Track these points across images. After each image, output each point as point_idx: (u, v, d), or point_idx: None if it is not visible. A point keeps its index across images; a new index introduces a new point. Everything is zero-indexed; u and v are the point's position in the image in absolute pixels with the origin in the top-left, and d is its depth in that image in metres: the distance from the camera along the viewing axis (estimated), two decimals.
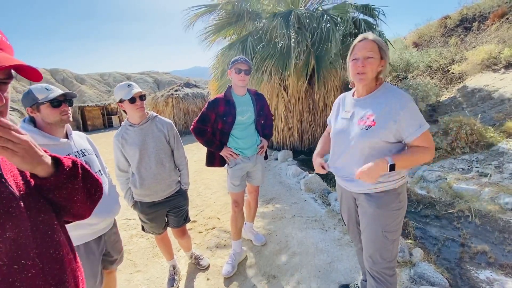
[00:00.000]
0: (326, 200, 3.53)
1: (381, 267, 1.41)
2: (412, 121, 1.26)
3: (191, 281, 2.24)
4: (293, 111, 5.86)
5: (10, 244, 0.53)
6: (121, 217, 3.51)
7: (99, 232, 1.45)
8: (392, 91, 1.34)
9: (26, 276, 0.54)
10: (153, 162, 1.84)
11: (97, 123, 18.65)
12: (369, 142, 1.31)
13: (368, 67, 1.30)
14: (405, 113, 1.25)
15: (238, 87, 2.17)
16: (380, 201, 1.36)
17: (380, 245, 1.38)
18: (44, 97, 1.28)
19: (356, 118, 1.39)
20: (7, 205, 0.55)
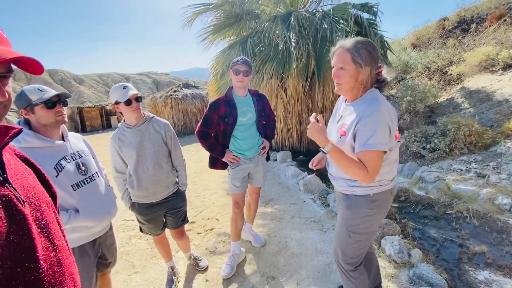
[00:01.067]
0: (325, 201, 3.53)
1: (343, 261, 1.52)
2: (362, 136, 1.23)
3: (190, 282, 2.23)
4: (292, 112, 5.87)
5: (13, 247, 0.52)
6: (120, 219, 3.50)
7: (95, 235, 1.44)
8: (369, 101, 1.29)
9: (29, 279, 0.54)
10: (150, 164, 1.83)
11: (96, 124, 18.60)
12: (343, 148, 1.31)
13: (341, 79, 1.31)
14: (361, 125, 1.24)
15: (238, 88, 2.17)
16: (351, 203, 1.43)
17: (343, 241, 1.49)
18: (38, 98, 1.27)
19: (339, 123, 1.42)
20: (11, 208, 0.55)
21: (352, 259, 1.49)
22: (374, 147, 1.19)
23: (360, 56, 1.25)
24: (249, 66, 2.09)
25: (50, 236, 0.64)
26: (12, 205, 0.56)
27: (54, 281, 0.60)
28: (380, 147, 1.20)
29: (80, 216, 1.30)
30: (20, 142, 1.25)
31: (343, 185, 1.44)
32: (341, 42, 1.32)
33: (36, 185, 0.70)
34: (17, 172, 0.65)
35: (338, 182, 1.47)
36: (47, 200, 0.71)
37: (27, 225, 0.57)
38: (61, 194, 1.28)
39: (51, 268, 0.60)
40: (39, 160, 1.24)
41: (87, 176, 1.40)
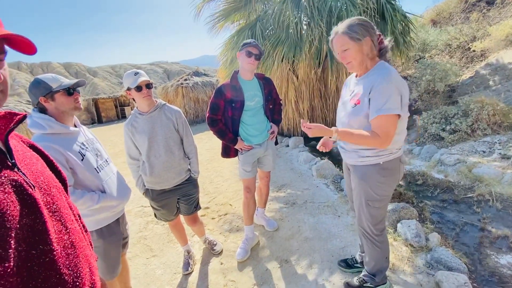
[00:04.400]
0: (338, 186, 3.48)
1: (369, 228, 1.60)
2: (376, 102, 1.30)
3: (205, 265, 2.29)
4: (304, 97, 5.73)
5: (27, 230, 0.53)
6: (137, 205, 3.61)
7: (118, 214, 1.52)
8: (380, 70, 1.37)
9: (44, 261, 0.55)
10: (162, 150, 1.85)
11: (111, 115, 19.04)
12: (357, 120, 1.41)
13: (349, 58, 1.39)
14: (375, 92, 1.31)
15: (246, 71, 2.12)
16: (363, 173, 1.52)
17: (365, 211, 1.57)
18: (58, 85, 1.29)
19: (351, 96, 1.49)
20: (22, 193, 0.55)
21: (377, 225, 1.59)
22: (389, 111, 1.27)
23: (356, 31, 1.34)
24: (261, 50, 2.05)
25: (62, 219, 0.65)
26: (23, 189, 0.56)
27: (69, 262, 0.61)
28: (395, 111, 1.27)
29: (107, 196, 1.37)
30: (45, 128, 1.27)
31: (353, 156, 1.52)
32: (333, 30, 1.43)
33: (44, 170, 0.70)
34: (25, 158, 0.66)
35: (349, 154, 1.55)
36: (57, 185, 0.72)
37: (38, 208, 0.58)
38: (89, 176, 1.34)
39: (64, 250, 0.61)
40: (65, 145, 1.28)
41: (103, 160, 1.46)
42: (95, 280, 0.70)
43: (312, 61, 5.23)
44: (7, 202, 0.52)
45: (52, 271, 0.56)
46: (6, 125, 0.61)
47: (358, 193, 1.58)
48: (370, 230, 1.61)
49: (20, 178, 0.57)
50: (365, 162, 1.49)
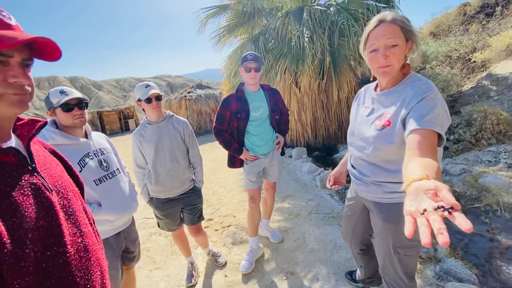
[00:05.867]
0: (343, 196, 3.45)
1: (399, 279, 1.31)
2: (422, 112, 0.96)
3: (209, 278, 2.25)
4: (306, 108, 5.78)
5: (43, 231, 0.56)
6: (140, 216, 3.59)
7: (118, 229, 1.49)
8: (418, 82, 1.08)
9: (58, 262, 0.57)
10: (168, 159, 1.88)
11: (115, 127, 19.29)
12: (383, 147, 1.12)
13: (393, 58, 1.05)
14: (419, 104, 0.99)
15: (250, 85, 2.16)
16: (390, 214, 1.21)
17: (393, 259, 1.27)
18: (57, 102, 1.33)
19: (374, 115, 1.20)
20: (40, 196, 0.58)
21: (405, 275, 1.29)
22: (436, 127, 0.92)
23: (410, 26, 1.05)
24: (258, 61, 2.07)
25: (77, 223, 0.67)
26: (41, 192, 0.59)
27: (81, 265, 0.63)
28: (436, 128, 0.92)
29: (102, 209, 1.34)
30: (47, 140, 1.31)
31: (376, 191, 1.22)
32: (378, 17, 1.09)
33: (63, 175, 0.73)
34: (46, 162, 0.69)
35: (369, 188, 1.26)
36: (74, 189, 0.74)
37: (55, 211, 0.60)
38: (85, 188, 1.33)
39: (78, 253, 0.63)
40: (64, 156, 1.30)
41: (109, 172, 1.45)
42: (106, 285, 0.71)
43: (314, 72, 5.31)
44: (26, 205, 0.54)
45: (65, 272, 0.58)
46: (28, 131, 0.66)
47: (384, 238, 1.27)
48: (400, 280, 1.29)
49: (39, 182, 0.59)
50: (393, 200, 1.19)
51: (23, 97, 0.58)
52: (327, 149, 6.27)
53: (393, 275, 1.31)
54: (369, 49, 1.13)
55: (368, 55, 1.14)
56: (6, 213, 0.50)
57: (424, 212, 0.56)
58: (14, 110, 0.58)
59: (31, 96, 0.61)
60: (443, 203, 0.56)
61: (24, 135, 0.65)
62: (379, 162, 1.19)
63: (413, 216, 0.58)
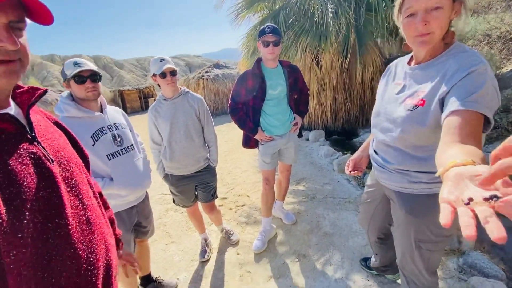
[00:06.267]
0: (361, 181, 3.33)
1: (418, 273, 1.22)
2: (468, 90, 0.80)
3: (222, 254, 2.29)
4: (326, 89, 5.53)
5: (44, 202, 0.54)
6: (157, 192, 3.70)
7: (130, 204, 1.50)
8: (462, 52, 0.92)
9: (59, 234, 0.55)
10: (182, 136, 1.86)
11: (135, 106, 19.75)
12: (415, 128, 0.97)
13: (434, 24, 0.88)
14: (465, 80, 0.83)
15: (268, 60, 2.03)
16: (414, 206, 1.11)
17: (413, 254, 1.18)
18: (70, 73, 1.30)
19: (406, 93, 1.05)
20: (40, 165, 0.56)
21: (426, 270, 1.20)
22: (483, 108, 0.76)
23: None
24: (278, 34, 1.92)
25: (80, 195, 0.64)
26: (41, 162, 0.56)
27: (83, 238, 0.61)
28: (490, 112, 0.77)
29: (113, 184, 1.35)
30: (62, 112, 1.32)
31: (400, 179, 1.10)
32: None
33: (66, 146, 0.70)
34: (47, 132, 0.66)
35: (392, 175, 1.14)
36: (77, 161, 0.71)
37: (55, 182, 0.57)
38: (97, 162, 1.33)
39: (80, 225, 0.61)
40: (78, 129, 1.29)
41: (122, 147, 1.44)
42: (111, 258, 0.70)
43: (338, 50, 5.01)
44: (24, 174, 0.52)
45: (66, 244, 0.56)
46: (28, 99, 0.62)
47: (405, 231, 1.18)
48: (420, 275, 1.21)
49: (39, 151, 0.57)
50: (419, 190, 1.08)
51: (10, 66, 0.52)
52: (347, 133, 6.05)
53: (413, 270, 1.23)
54: (404, 14, 0.94)
55: (403, 21, 0.96)
56: (2, 181, 0.48)
57: (469, 202, 0.44)
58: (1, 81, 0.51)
59: (22, 64, 0.55)
60: (497, 193, 0.42)
61: (24, 103, 0.62)
62: (406, 148, 1.06)
63: (453, 205, 0.46)
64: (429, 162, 1.03)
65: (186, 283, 2.04)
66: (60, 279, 0.54)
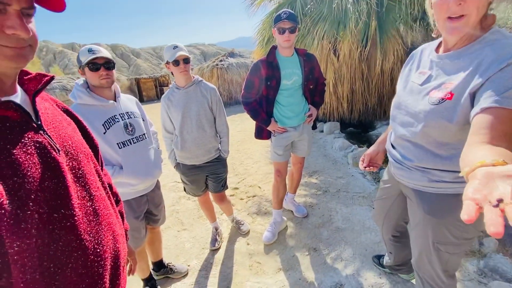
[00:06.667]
0: (376, 176, 3.23)
1: (430, 275, 1.16)
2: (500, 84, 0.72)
3: (232, 244, 2.31)
4: (344, 79, 5.33)
5: (49, 193, 0.53)
6: (171, 180, 3.76)
7: (140, 192, 1.51)
8: (501, 39, 0.81)
9: (65, 225, 0.55)
10: (194, 126, 1.84)
11: (151, 94, 20.09)
12: (440, 123, 0.89)
13: (471, 4, 0.77)
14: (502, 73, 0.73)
15: (283, 48, 1.95)
16: (434, 206, 1.04)
17: (431, 255, 1.12)
18: (84, 60, 1.30)
19: (431, 84, 0.95)
20: (45, 155, 0.55)
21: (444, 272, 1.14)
22: None
23: None
24: (294, 21, 1.82)
25: (87, 186, 0.63)
26: (46, 152, 0.55)
27: (90, 229, 0.60)
28: None
29: (123, 172, 1.36)
30: (76, 98, 1.34)
31: (420, 177, 1.04)
32: None
33: (74, 135, 0.68)
34: (54, 121, 0.64)
35: (411, 173, 1.07)
36: (86, 151, 0.70)
37: (61, 173, 0.56)
38: (108, 150, 1.34)
39: (86, 216, 0.60)
40: (90, 116, 1.29)
41: (134, 136, 1.45)
42: (119, 248, 0.69)
43: (357, 39, 4.77)
44: (29, 164, 0.50)
45: (73, 235, 0.56)
46: (35, 86, 0.61)
47: (423, 231, 1.12)
48: (437, 278, 1.14)
49: (44, 141, 0.55)
50: (440, 190, 1.01)
51: (20, 50, 0.52)
52: (363, 126, 5.86)
53: (430, 272, 1.16)
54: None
55: (434, 1, 0.85)
56: (6, 171, 0.47)
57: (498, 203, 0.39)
58: (10, 64, 0.51)
59: (32, 49, 0.55)
60: None
61: (31, 90, 0.60)
62: (428, 145, 0.98)
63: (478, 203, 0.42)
64: (453, 160, 0.94)
65: (196, 270, 2.07)
66: (65, 270, 0.53)
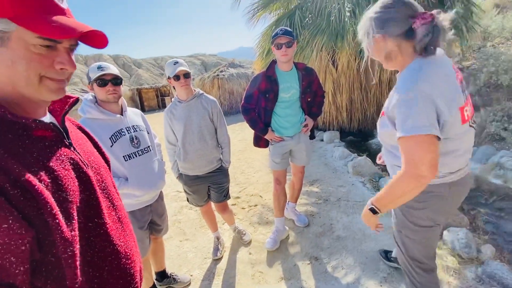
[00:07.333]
0: (376, 185, 3.27)
1: (402, 258, 1.32)
2: (397, 119, 0.98)
3: (234, 253, 2.33)
4: (342, 89, 5.45)
5: (83, 204, 0.58)
6: (173, 190, 3.80)
7: (144, 203, 1.57)
8: (407, 71, 1.02)
9: (99, 233, 0.61)
10: (196, 138, 1.91)
11: (152, 104, 20.31)
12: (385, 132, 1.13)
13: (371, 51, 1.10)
14: (395, 105, 1.00)
15: (282, 63, 2.05)
16: None
17: (396, 237, 1.32)
18: (93, 76, 1.38)
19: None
20: (78, 170, 0.60)
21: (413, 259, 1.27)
22: (413, 131, 0.91)
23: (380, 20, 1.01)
24: (291, 36, 1.94)
25: (110, 197, 0.69)
26: (79, 167, 0.60)
27: (119, 235, 0.66)
28: (421, 130, 0.90)
29: (129, 184, 1.42)
30: (84, 113, 1.41)
31: (391, 173, 1.25)
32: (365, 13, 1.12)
33: (93, 150, 0.75)
34: (78, 138, 0.70)
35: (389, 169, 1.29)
36: (104, 165, 0.76)
37: (92, 186, 0.62)
38: (114, 162, 1.40)
39: (114, 224, 0.66)
40: (98, 130, 1.36)
41: (139, 148, 1.51)
42: (138, 253, 0.76)
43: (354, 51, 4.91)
44: (68, 179, 0.56)
45: (107, 242, 0.62)
46: (62, 107, 0.66)
47: (394, 217, 1.30)
48: (404, 261, 1.31)
49: (76, 157, 0.61)
50: None
51: (63, 83, 0.57)
52: (362, 134, 5.94)
53: (401, 257, 1.33)
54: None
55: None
56: (51, 187, 0.51)
57: None
58: (52, 97, 0.57)
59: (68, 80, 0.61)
60: None
61: (56, 111, 0.66)
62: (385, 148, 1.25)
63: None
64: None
65: (199, 280, 2.09)
66: (103, 273, 0.59)
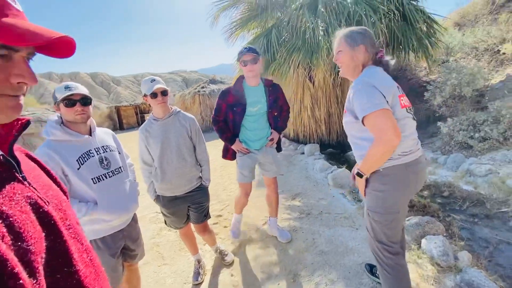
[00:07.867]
0: (356, 196, 3.32)
1: (372, 243, 1.47)
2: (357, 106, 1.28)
3: (215, 276, 2.22)
4: (320, 103, 5.61)
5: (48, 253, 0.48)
6: (152, 211, 3.63)
7: (115, 228, 1.45)
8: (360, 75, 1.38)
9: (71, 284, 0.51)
10: (174, 156, 1.84)
11: (132, 122, 19.78)
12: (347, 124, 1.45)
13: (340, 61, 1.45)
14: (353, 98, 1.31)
15: (250, 78, 2.14)
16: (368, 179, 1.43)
17: (366, 220, 1.48)
18: (60, 96, 1.31)
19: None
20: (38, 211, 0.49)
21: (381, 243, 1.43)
22: (371, 109, 1.20)
23: (352, 37, 1.38)
24: (255, 53, 2.03)
25: (78, 237, 0.58)
26: (39, 206, 0.49)
27: (93, 281, 0.56)
28: (377, 106, 1.20)
29: (98, 208, 1.32)
30: (49, 135, 1.31)
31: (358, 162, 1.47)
32: (336, 32, 1.48)
33: (50, 183, 0.64)
34: (30, 170, 0.59)
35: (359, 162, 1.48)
36: (63, 198, 0.64)
37: (57, 227, 0.51)
38: (82, 186, 1.31)
39: (87, 269, 0.56)
40: (64, 152, 1.28)
41: (109, 170, 1.42)
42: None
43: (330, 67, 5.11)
44: (28, 223, 0.44)
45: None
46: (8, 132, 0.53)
47: (365, 200, 1.50)
48: (373, 245, 1.46)
49: (33, 194, 0.50)
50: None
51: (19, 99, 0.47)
52: (341, 146, 6.08)
53: (370, 242, 1.49)
54: None
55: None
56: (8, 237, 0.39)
57: None
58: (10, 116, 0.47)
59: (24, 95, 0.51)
60: None
61: (2, 137, 0.51)
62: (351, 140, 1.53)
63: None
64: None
65: None
66: None
